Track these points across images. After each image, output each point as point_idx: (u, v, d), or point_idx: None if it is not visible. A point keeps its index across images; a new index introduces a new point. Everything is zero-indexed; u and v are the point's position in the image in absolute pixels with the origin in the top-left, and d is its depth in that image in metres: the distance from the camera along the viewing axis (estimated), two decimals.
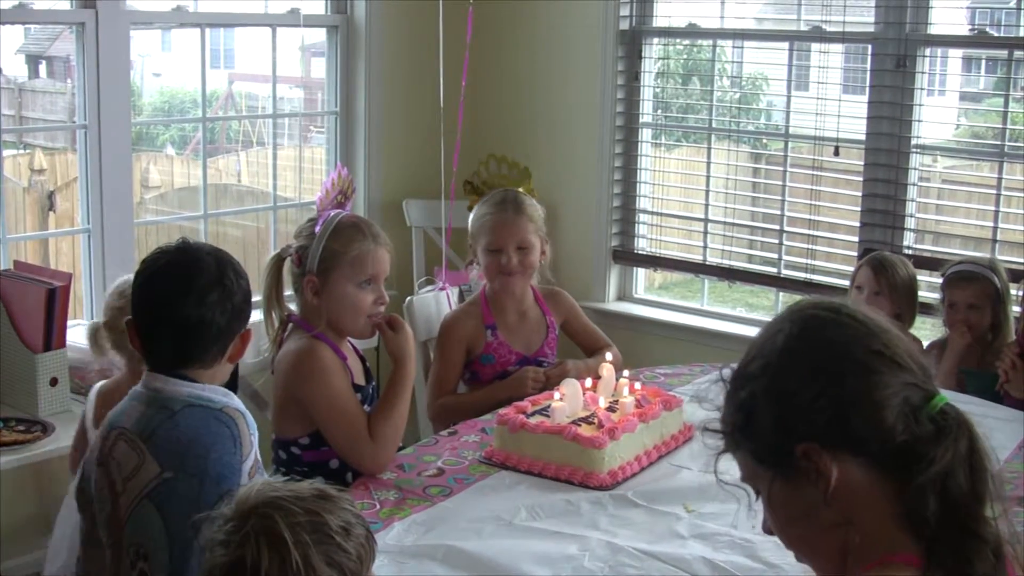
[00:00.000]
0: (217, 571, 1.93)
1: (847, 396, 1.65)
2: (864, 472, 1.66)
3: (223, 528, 1.95)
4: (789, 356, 1.71)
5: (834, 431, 1.65)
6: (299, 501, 1.95)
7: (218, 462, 2.47)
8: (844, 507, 1.67)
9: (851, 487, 1.66)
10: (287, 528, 1.89)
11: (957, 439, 1.63)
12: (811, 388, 1.67)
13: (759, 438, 1.73)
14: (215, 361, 2.60)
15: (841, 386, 1.66)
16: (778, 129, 5.68)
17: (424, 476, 3.15)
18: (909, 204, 5.04)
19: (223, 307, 2.56)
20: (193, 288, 2.54)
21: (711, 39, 5.67)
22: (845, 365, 1.67)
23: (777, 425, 1.70)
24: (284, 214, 5.65)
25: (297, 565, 1.87)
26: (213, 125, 6.80)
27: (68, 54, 8.58)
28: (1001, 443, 3.45)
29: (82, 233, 4.75)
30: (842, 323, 1.71)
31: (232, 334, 2.61)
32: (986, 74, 5.99)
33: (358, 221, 3.42)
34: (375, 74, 5.63)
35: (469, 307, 4.14)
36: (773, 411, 1.70)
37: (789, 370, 1.70)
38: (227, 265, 2.60)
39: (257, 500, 1.95)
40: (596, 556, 2.67)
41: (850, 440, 1.65)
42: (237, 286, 2.59)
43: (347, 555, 1.94)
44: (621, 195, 5.81)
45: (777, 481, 1.72)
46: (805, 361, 1.70)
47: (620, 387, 3.46)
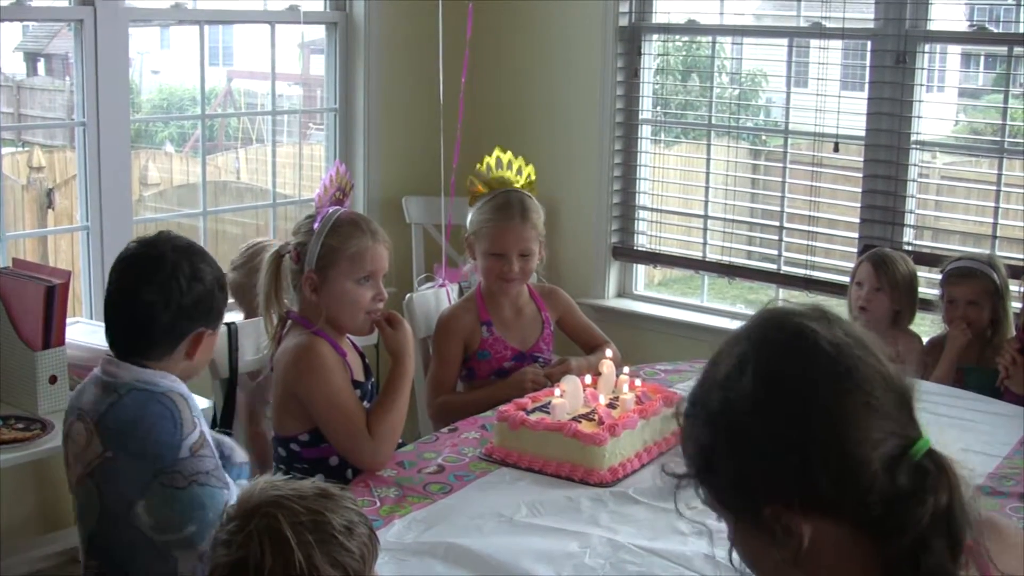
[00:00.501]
0: (220, 571, 1.92)
1: (818, 454, 1.51)
2: (838, 532, 1.54)
3: (226, 528, 1.95)
4: (752, 404, 1.55)
5: (804, 492, 1.52)
6: (302, 500, 1.94)
7: (156, 442, 2.52)
8: (815, 568, 1.56)
9: (823, 547, 1.54)
10: (290, 528, 1.89)
11: (937, 493, 1.50)
12: (777, 444, 1.53)
13: (722, 488, 1.62)
14: (165, 356, 2.62)
15: (811, 443, 1.52)
16: (777, 126, 5.68)
17: (424, 473, 3.14)
18: (909, 200, 5.04)
19: (168, 305, 2.58)
20: (142, 282, 2.59)
21: (710, 35, 5.66)
22: (815, 418, 1.52)
23: (740, 481, 1.58)
24: (283, 211, 5.65)
25: (300, 566, 1.87)
26: (212, 122, 6.80)
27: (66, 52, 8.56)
28: (1002, 439, 3.46)
29: (81, 230, 4.75)
30: (812, 355, 1.55)
31: (180, 333, 2.61)
32: (985, 70, 5.98)
33: (357, 218, 3.42)
34: (374, 71, 5.62)
35: (465, 303, 4.13)
36: (736, 465, 1.58)
37: (752, 421, 1.55)
38: (184, 264, 2.59)
39: (260, 499, 1.94)
40: (597, 553, 2.66)
41: (822, 501, 1.52)
42: (190, 287, 2.59)
43: (350, 554, 1.93)
44: (621, 192, 5.81)
45: (742, 528, 1.63)
46: (770, 413, 1.55)
47: (620, 384, 3.45)
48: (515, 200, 3.99)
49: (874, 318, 4.37)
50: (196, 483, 2.48)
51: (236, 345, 3.66)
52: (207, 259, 2.66)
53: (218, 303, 2.64)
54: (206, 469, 2.52)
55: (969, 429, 3.57)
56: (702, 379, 1.64)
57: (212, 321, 2.64)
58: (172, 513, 2.48)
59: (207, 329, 2.61)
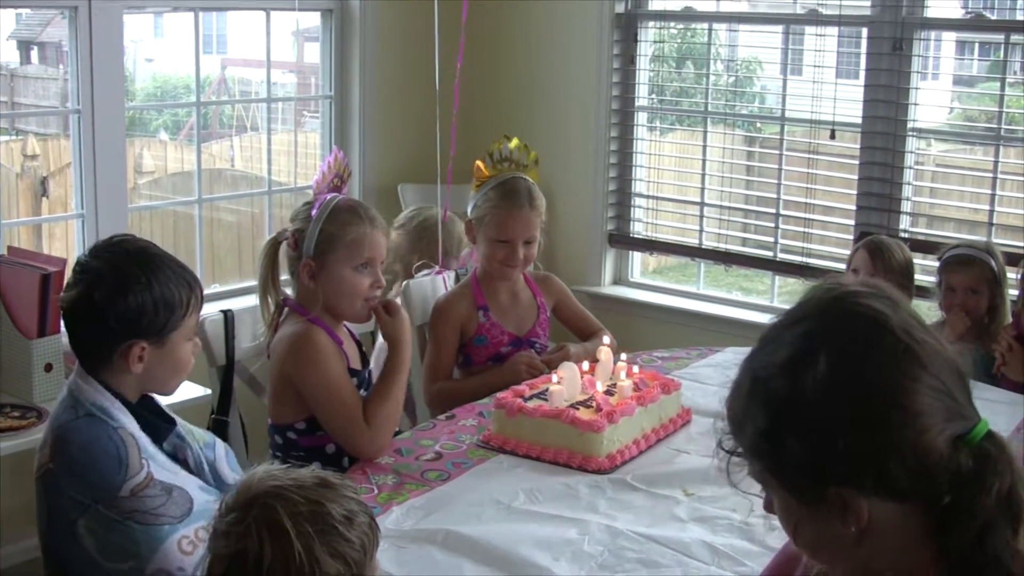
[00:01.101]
0: (219, 562, 1.92)
1: (891, 439, 1.53)
2: (903, 514, 1.57)
3: (224, 519, 1.93)
4: (824, 389, 1.55)
5: (873, 476, 1.54)
6: (301, 490, 1.93)
7: (99, 474, 2.48)
8: (874, 545, 1.58)
9: (888, 529, 1.57)
10: (289, 519, 1.87)
11: (1001, 476, 1.53)
12: (851, 433, 1.54)
13: (786, 472, 1.61)
14: (104, 367, 2.58)
15: (884, 428, 1.53)
16: (773, 113, 5.67)
17: (422, 460, 3.14)
18: (905, 188, 5.04)
19: (86, 317, 2.55)
20: (69, 293, 2.58)
21: (707, 22, 5.66)
22: (888, 408, 1.53)
23: (810, 466, 1.58)
24: (279, 199, 5.64)
25: (300, 557, 1.85)
26: (206, 111, 6.78)
27: (60, 40, 8.54)
28: (999, 426, 3.42)
29: (76, 218, 4.74)
30: (884, 340, 1.56)
31: (108, 345, 2.55)
32: (979, 57, 5.98)
33: (355, 204, 3.41)
34: (369, 58, 5.61)
35: (461, 290, 4.12)
36: (806, 451, 1.57)
37: (825, 406, 1.55)
38: (110, 276, 2.54)
39: (259, 490, 1.93)
40: (595, 540, 2.66)
41: (890, 486, 1.54)
42: (110, 299, 2.50)
43: (350, 544, 1.92)
44: (617, 179, 5.81)
45: (797, 505, 1.63)
46: (844, 402, 1.55)
47: (618, 371, 3.45)
48: (522, 187, 3.99)
49: None
50: (132, 520, 2.46)
51: (233, 333, 3.65)
52: (148, 268, 2.57)
53: (148, 317, 2.56)
54: (144, 508, 2.47)
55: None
56: (758, 362, 1.65)
57: (143, 334, 2.57)
58: (113, 541, 2.46)
59: (140, 342, 2.56)
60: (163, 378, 2.64)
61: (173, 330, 2.59)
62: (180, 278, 2.61)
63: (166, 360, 2.60)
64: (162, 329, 2.56)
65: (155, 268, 2.57)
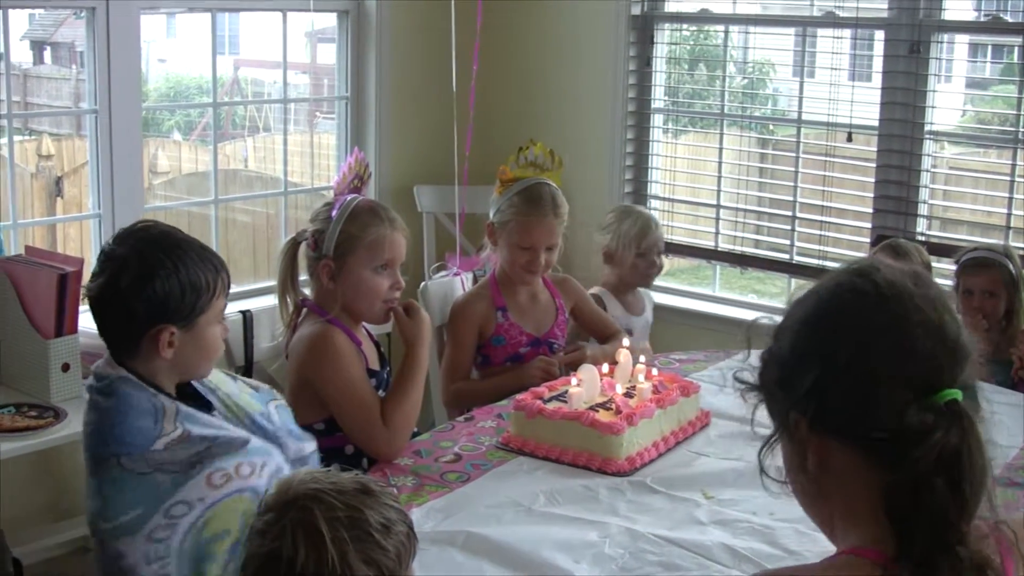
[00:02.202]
0: (254, 560, 1.91)
1: (835, 373, 1.63)
2: (844, 454, 1.64)
3: (262, 518, 1.93)
4: (801, 318, 1.71)
5: (816, 405, 1.64)
6: (340, 495, 1.92)
7: (125, 425, 2.49)
8: (827, 485, 1.68)
9: (834, 469, 1.65)
10: (325, 523, 1.87)
11: (947, 432, 1.56)
12: (805, 355, 1.66)
13: (766, 392, 1.75)
14: (133, 353, 2.57)
15: (833, 361, 1.63)
16: (787, 115, 5.67)
17: (441, 462, 3.14)
18: (922, 191, 5.02)
19: (112, 302, 2.54)
20: (96, 278, 2.58)
21: (723, 24, 5.65)
22: (844, 341, 1.64)
23: (776, 386, 1.71)
24: (294, 199, 5.64)
25: (333, 562, 1.85)
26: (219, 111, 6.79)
27: (73, 40, 8.56)
28: (1017, 430, 3.44)
29: (93, 218, 4.74)
30: (864, 290, 1.65)
31: (135, 330, 2.54)
32: (992, 60, 5.96)
33: (375, 206, 3.41)
34: (385, 59, 5.60)
35: (479, 290, 4.14)
36: (775, 370, 1.72)
37: (796, 332, 1.70)
38: (135, 261, 2.53)
39: (298, 492, 1.93)
40: (616, 542, 2.66)
41: (830, 418, 1.64)
42: (136, 284, 2.50)
43: (385, 553, 1.91)
44: (632, 181, 5.80)
45: (782, 437, 1.73)
46: (810, 327, 1.68)
47: (637, 373, 3.44)
48: (547, 194, 4.00)
49: None
50: (161, 471, 2.46)
51: (251, 333, 3.65)
52: (173, 252, 2.57)
53: (175, 301, 2.56)
54: (177, 459, 2.48)
55: (984, 420, 3.56)
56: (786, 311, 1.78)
57: (171, 319, 2.57)
58: (121, 496, 2.46)
59: (168, 326, 2.56)
60: (194, 362, 2.63)
61: (201, 313, 2.58)
62: (206, 261, 2.60)
63: (195, 344, 2.60)
64: (190, 313, 2.56)
65: (180, 252, 2.56)
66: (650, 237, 4.74)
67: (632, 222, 4.74)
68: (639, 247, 4.69)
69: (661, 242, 4.82)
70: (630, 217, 4.76)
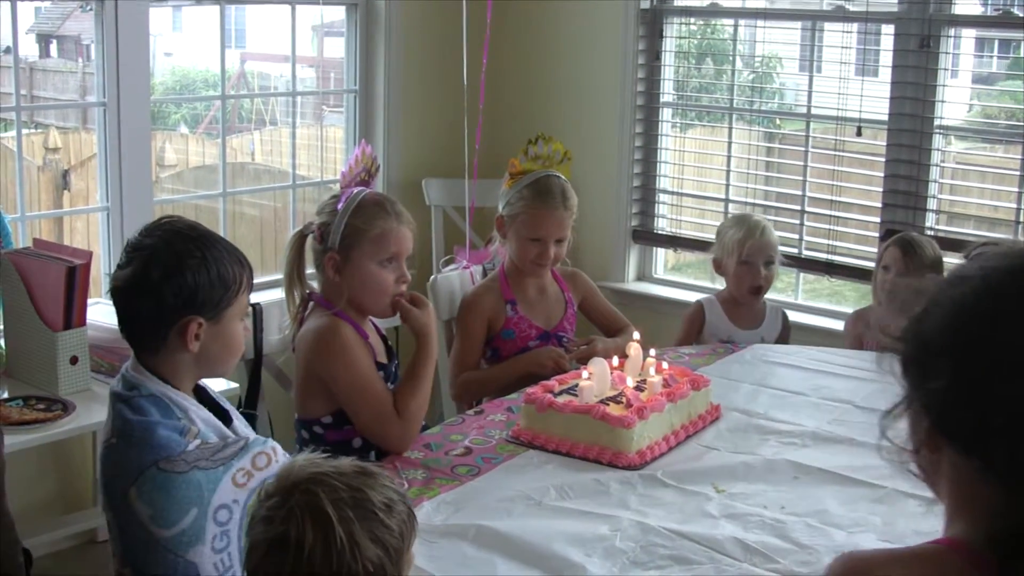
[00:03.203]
0: (261, 547, 1.92)
1: (971, 390, 1.49)
2: (963, 468, 1.54)
3: (265, 504, 1.94)
4: (956, 310, 1.56)
5: (943, 415, 1.54)
6: (342, 477, 1.94)
7: (157, 434, 2.46)
8: (936, 480, 1.62)
9: (945, 472, 1.59)
10: (331, 504, 1.88)
11: None
12: (945, 357, 1.54)
13: (901, 362, 1.64)
14: (159, 347, 2.55)
15: (971, 375, 1.50)
16: (796, 110, 5.66)
17: (451, 455, 3.13)
18: (931, 185, 5.01)
19: (143, 294, 2.52)
20: (124, 271, 2.56)
21: (732, 18, 5.64)
22: (999, 367, 1.48)
23: (911, 366, 1.61)
24: (302, 192, 5.64)
25: (341, 541, 1.86)
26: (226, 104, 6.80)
27: (79, 33, 8.56)
28: None
29: (101, 211, 4.74)
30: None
31: (163, 322, 2.53)
32: (999, 55, 5.95)
33: (381, 199, 3.39)
34: (395, 52, 5.60)
35: (489, 283, 4.13)
36: (911, 352, 1.62)
37: (942, 324, 1.57)
38: (164, 252, 2.52)
39: (299, 476, 1.94)
40: (627, 536, 2.65)
41: (957, 434, 1.53)
42: (167, 275, 2.49)
43: (390, 531, 1.93)
44: (641, 175, 5.80)
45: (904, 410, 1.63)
46: (960, 326, 1.54)
47: (647, 366, 3.44)
48: (556, 186, 4.00)
49: None
50: (197, 468, 2.45)
51: (261, 326, 3.64)
52: (201, 245, 2.57)
53: (205, 292, 2.56)
54: (208, 456, 2.48)
55: None
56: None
57: (200, 310, 2.55)
58: (173, 498, 2.44)
59: (196, 318, 2.55)
60: (218, 357, 2.62)
61: (228, 307, 2.58)
62: (233, 255, 2.60)
63: (221, 338, 2.59)
64: (217, 305, 2.55)
65: (208, 245, 2.56)
66: (753, 244, 4.47)
67: (737, 229, 4.53)
68: (741, 255, 4.49)
69: (770, 249, 4.52)
70: (737, 225, 4.57)
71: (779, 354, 4.20)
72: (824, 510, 2.81)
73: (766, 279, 4.48)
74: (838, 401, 3.65)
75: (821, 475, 3.03)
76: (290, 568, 1.89)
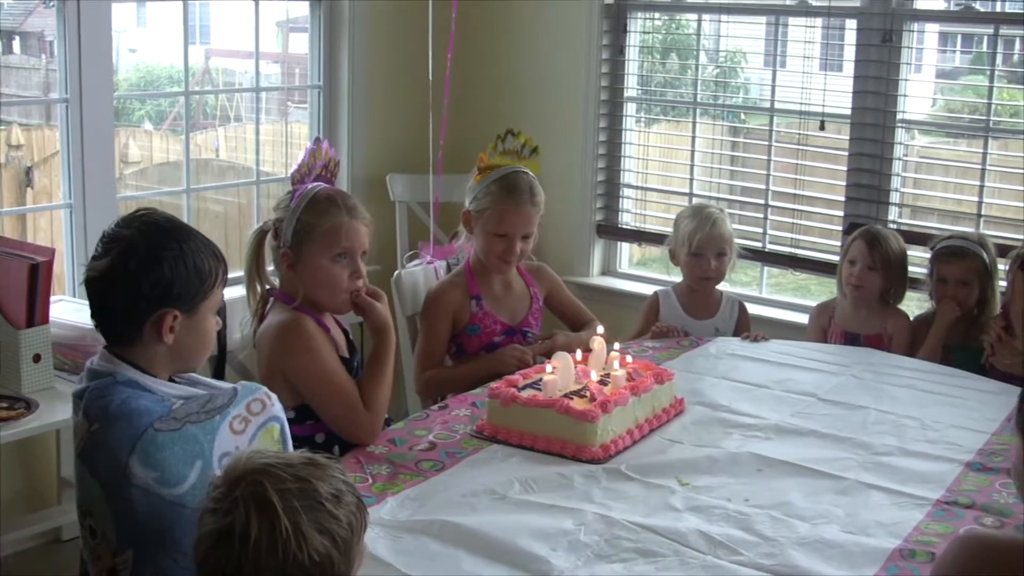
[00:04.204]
0: (206, 539, 1.92)
1: None
2: None
3: (211, 495, 1.95)
4: None
5: None
6: (288, 468, 1.95)
7: (138, 404, 2.45)
8: None
9: None
10: (276, 494, 1.89)
11: None
12: None
13: None
14: (134, 340, 2.53)
15: None
16: (760, 104, 5.68)
17: (416, 451, 3.13)
18: (894, 179, 5.04)
19: (118, 285, 2.50)
20: (98, 263, 2.53)
21: (696, 13, 5.66)
22: None
23: None
24: (266, 189, 5.62)
25: (287, 531, 1.87)
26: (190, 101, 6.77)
27: (42, 29, 8.49)
28: (989, 416, 3.48)
29: (64, 208, 4.71)
30: None
31: (139, 315, 2.50)
32: (962, 49, 5.99)
33: (334, 194, 3.37)
34: (359, 48, 5.59)
35: (454, 279, 4.13)
36: None
37: None
38: (142, 243, 2.51)
39: (246, 468, 1.95)
40: (592, 529, 2.65)
41: None
42: (144, 267, 2.47)
43: (337, 522, 1.94)
44: (605, 169, 5.81)
45: None
46: None
47: (611, 360, 3.44)
48: (525, 182, 4.01)
49: (866, 296, 4.38)
50: (189, 423, 2.45)
51: (225, 322, 3.63)
52: (178, 237, 2.56)
53: (181, 284, 2.55)
54: (196, 409, 2.48)
55: (957, 406, 3.60)
56: None
57: (175, 303, 2.55)
58: (175, 455, 2.43)
59: (172, 310, 2.54)
60: (192, 350, 2.61)
61: (203, 300, 2.56)
62: (209, 249, 2.59)
63: (196, 331, 2.58)
64: (193, 298, 2.54)
65: (185, 238, 2.55)
66: (703, 236, 4.47)
67: (690, 220, 4.53)
68: (691, 246, 4.49)
69: (721, 241, 4.51)
70: (691, 216, 4.56)
71: (743, 347, 4.21)
72: (788, 502, 2.81)
73: (717, 271, 4.50)
74: (802, 394, 3.67)
75: (785, 468, 3.04)
76: (237, 559, 1.89)
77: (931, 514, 2.76)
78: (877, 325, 4.38)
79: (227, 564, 1.91)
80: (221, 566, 1.93)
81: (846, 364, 4.02)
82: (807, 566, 2.49)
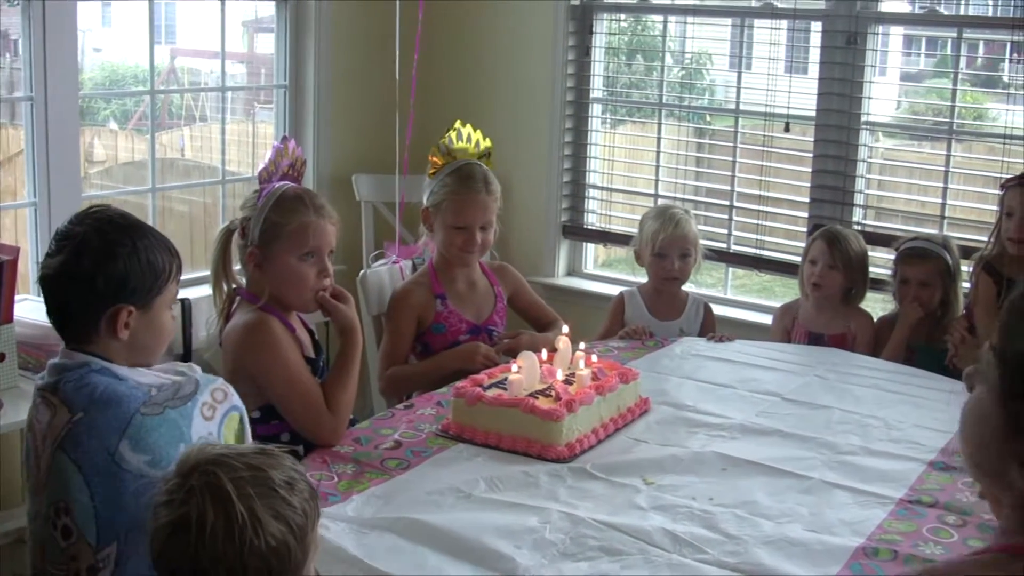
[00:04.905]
0: (162, 531, 1.92)
1: None
2: None
3: (165, 488, 1.95)
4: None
5: None
6: (241, 457, 1.97)
7: (123, 389, 2.45)
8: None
9: None
10: (230, 482, 1.91)
11: None
12: None
13: None
14: (91, 336, 2.52)
15: None
16: (725, 106, 5.70)
17: (381, 449, 3.13)
18: (858, 181, 5.07)
19: (73, 281, 2.50)
20: (52, 259, 2.52)
21: (662, 15, 5.67)
22: None
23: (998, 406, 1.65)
24: (231, 188, 5.61)
25: (242, 517, 1.88)
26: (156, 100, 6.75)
27: (6, 28, 8.45)
28: (952, 415, 3.47)
29: (28, 207, 4.69)
30: None
31: (93, 311, 2.49)
32: (927, 52, 6.03)
33: (302, 193, 3.37)
34: (324, 47, 5.59)
35: (418, 278, 4.13)
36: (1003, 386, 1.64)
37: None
38: (95, 239, 2.51)
39: (198, 459, 1.96)
40: (557, 528, 2.66)
41: None
42: (97, 262, 2.47)
43: (292, 508, 1.95)
44: (571, 170, 5.82)
45: None
46: None
47: (576, 360, 3.45)
48: (478, 172, 4.01)
49: (827, 295, 4.40)
50: (169, 407, 2.45)
51: (190, 321, 3.63)
52: (131, 233, 2.55)
53: (135, 280, 2.55)
54: (173, 396, 2.48)
55: (921, 406, 3.62)
56: None
57: (130, 298, 2.55)
58: (162, 436, 2.43)
59: (127, 306, 2.54)
60: (148, 345, 2.60)
61: (158, 295, 2.56)
62: (163, 244, 2.58)
63: (151, 326, 2.57)
64: (148, 293, 2.53)
65: (139, 234, 2.54)
66: (666, 237, 4.47)
67: (654, 221, 4.53)
68: (655, 247, 4.50)
69: (684, 242, 4.52)
70: (656, 217, 4.57)
71: (708, 347, 4.23)
72: (752, 501, 2.83)
73: (681, 271, 4.51)
74: (766, 394, 3.69)
75: (749, 467, 3.05)
76: (194, 548, 1.89)
77: (894, 513, 2.79)
78: (841, 325, 4.40)
79: (184, 555, 1.91)
80: (178, 557, 1.93)
81: (810, 364, 4.05)
82: (772, 564, 2.50)
